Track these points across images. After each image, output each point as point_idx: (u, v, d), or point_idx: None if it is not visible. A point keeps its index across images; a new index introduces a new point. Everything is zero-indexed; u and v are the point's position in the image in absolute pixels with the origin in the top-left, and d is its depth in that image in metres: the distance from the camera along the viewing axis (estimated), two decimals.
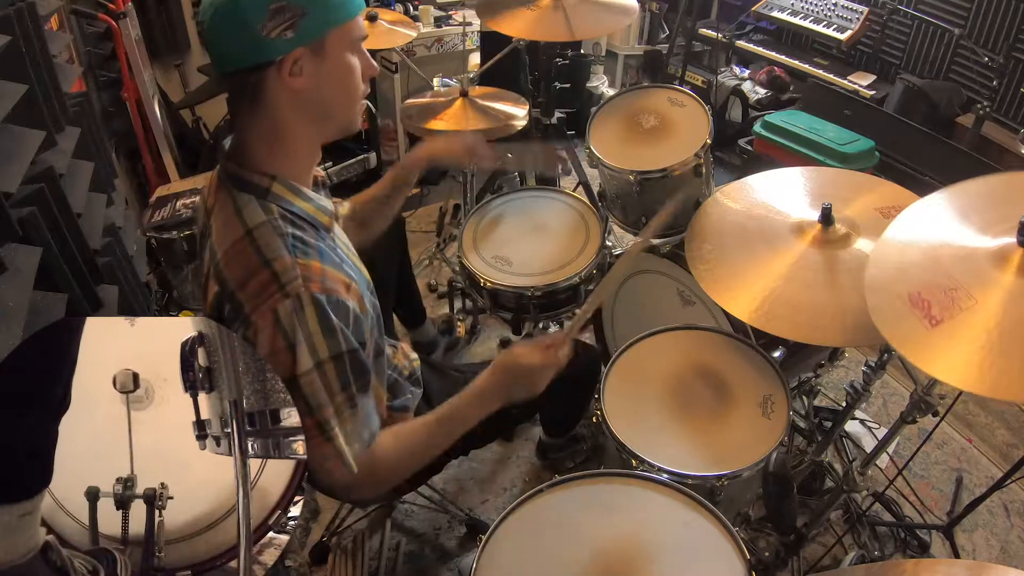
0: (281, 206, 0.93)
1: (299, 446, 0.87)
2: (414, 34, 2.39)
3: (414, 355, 1.40)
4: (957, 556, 1.66)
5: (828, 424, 1.93)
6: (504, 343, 2.36)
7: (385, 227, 1.46)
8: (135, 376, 0.81)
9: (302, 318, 0.86)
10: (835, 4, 3.20)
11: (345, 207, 1.37)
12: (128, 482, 0.80)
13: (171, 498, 0.82)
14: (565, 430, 1.85)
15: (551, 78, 2.36)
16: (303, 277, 0.87)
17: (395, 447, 1.02)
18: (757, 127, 2.88)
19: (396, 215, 1.51)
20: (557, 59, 2.65)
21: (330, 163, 2.92)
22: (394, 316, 2.00)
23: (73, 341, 0.76)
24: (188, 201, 2.16)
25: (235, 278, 0.89)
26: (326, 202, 1.02)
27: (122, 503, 0.80)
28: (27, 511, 0.71)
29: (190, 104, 2.77)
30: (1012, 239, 0.90)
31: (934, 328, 0.87)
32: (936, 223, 1.03)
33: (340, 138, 1.02)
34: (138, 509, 0.80)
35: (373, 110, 2.95)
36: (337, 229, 1.07)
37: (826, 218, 1.25)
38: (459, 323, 2.41)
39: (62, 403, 0.75)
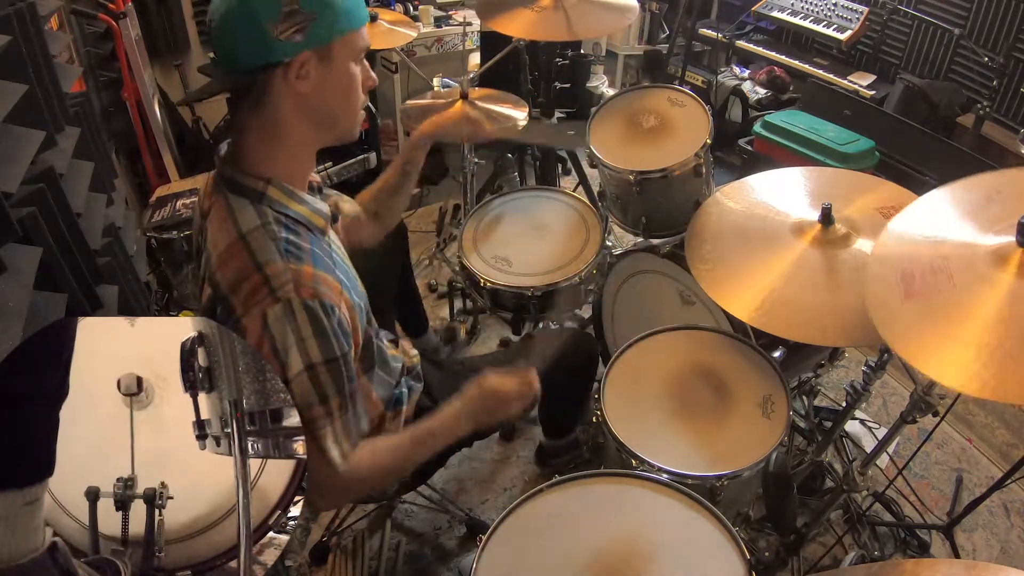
0: (276, 209, 0.94)
1: (299, 446, 0.88)
2: (414, 34, 2.38)
3: (415, 352, 1.40)
4: (957, 556, 1.66)
5: (828, 424, 1.93)
6: (504, 343, 2.36)
7: (397, 219, 1.47)
8: (139, 380, 0.81)
9: (292, 323, 0.87)
10: (835, 4, 3.20)
11: (351, 205, 1.36)
12: (128, 482, 0.80)
13: (171, 498, 0.82)
14: (566, 430, 1.85)
15: (551, 78, 2.36)
16: (294, 282, 0.88)
17: (370, 460, 1.03)
18: (757, 127, 2.88)
19: (406, 206, 1.51)
20: (557, 59, 2.65)
21: (330, 163, 2.92)
22: (396, 325, 2.00)
23: (70, 334, 0.78)
24: (188, 201, 2.16)
25: (227, 281, 0.90)
26: (322, 205, 1.03)
27: (122, 503, 0.80)
28: (30, 499, 0.72)
29: (191, 101, 2.76)
30: (1011, 238, 0.90)
31: (907, 301, 0.91)
32: (939, 218, 1.03)
33: (338, 144, 1.04)
34: (138, 509, 0.80)
35: (373, 110, 2.95)
36: (332, 233, 1.08)
37: (826, 218, 1.26)
38: (461, 324, 2.41)
39: (61, 389, 0.76)
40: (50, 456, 0.74)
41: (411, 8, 3.15)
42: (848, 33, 3.11)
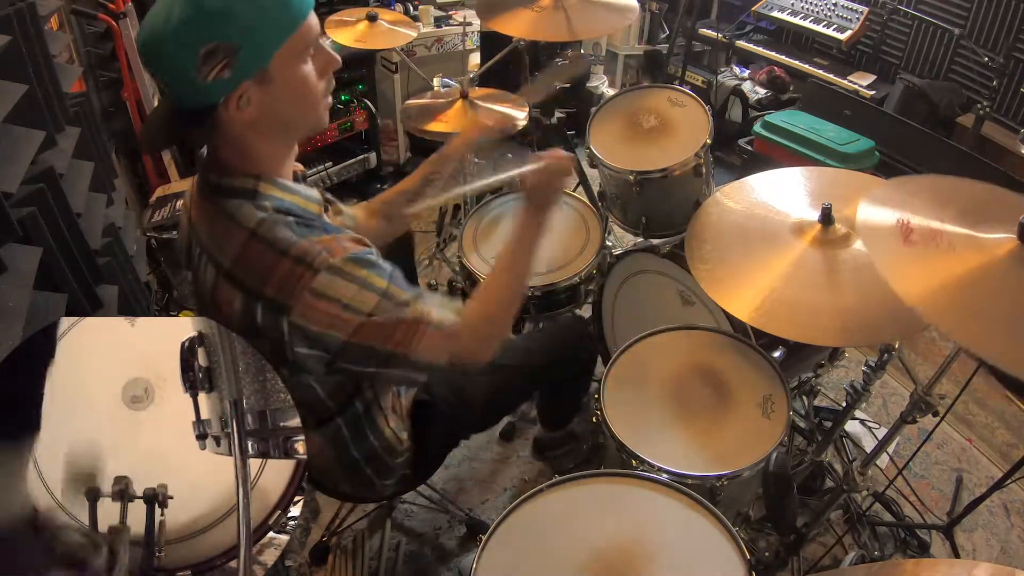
0: (272, 204, 0.93)
1: (300, 446, 0.88)
2: (414, 34, 2.38)
3: None
4: (957, 556, 1.66)
5: (828, 424, 1.93)
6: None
7: (407, 226, 1.48)
8: (139, 380, 0.81)
9: (344, 277, 0.89)
10: (835, 4, 3.20)
11: (354, 212, 1.34)
12: (128, 482, 0.80)
13: (171, 498, 0.82)
14: (563, 421, 1.83)
15: None
16: (325, 250, 0.88)
17: (477, 306, 1.06)
18: (757, 127, 2.88)
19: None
20: (557, 59, 2.65)
21: (330, 163, 2.92)
22: None
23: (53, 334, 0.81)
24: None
25: (257, 279, 0.89)
26: (311, 191, 1.02)
27: (122, 503, 0.80)
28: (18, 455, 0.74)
29: (154, 151, 2.61)
30: (1011, 235, 0.91)
31: (906, 246, 0.94)
32: (939, 200, 1.05)
33: (312, 135, 1.02)
34: (138, 509, 0.80)
35: (373, 110, 2.94)
36: (325, 218, 1.07)
37: (826, 218, 1.25)
38: None
39: (48, 353, 0.78)
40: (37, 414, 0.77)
41: (411, 8, 3.15)
42: (848, 33, 3.11)
